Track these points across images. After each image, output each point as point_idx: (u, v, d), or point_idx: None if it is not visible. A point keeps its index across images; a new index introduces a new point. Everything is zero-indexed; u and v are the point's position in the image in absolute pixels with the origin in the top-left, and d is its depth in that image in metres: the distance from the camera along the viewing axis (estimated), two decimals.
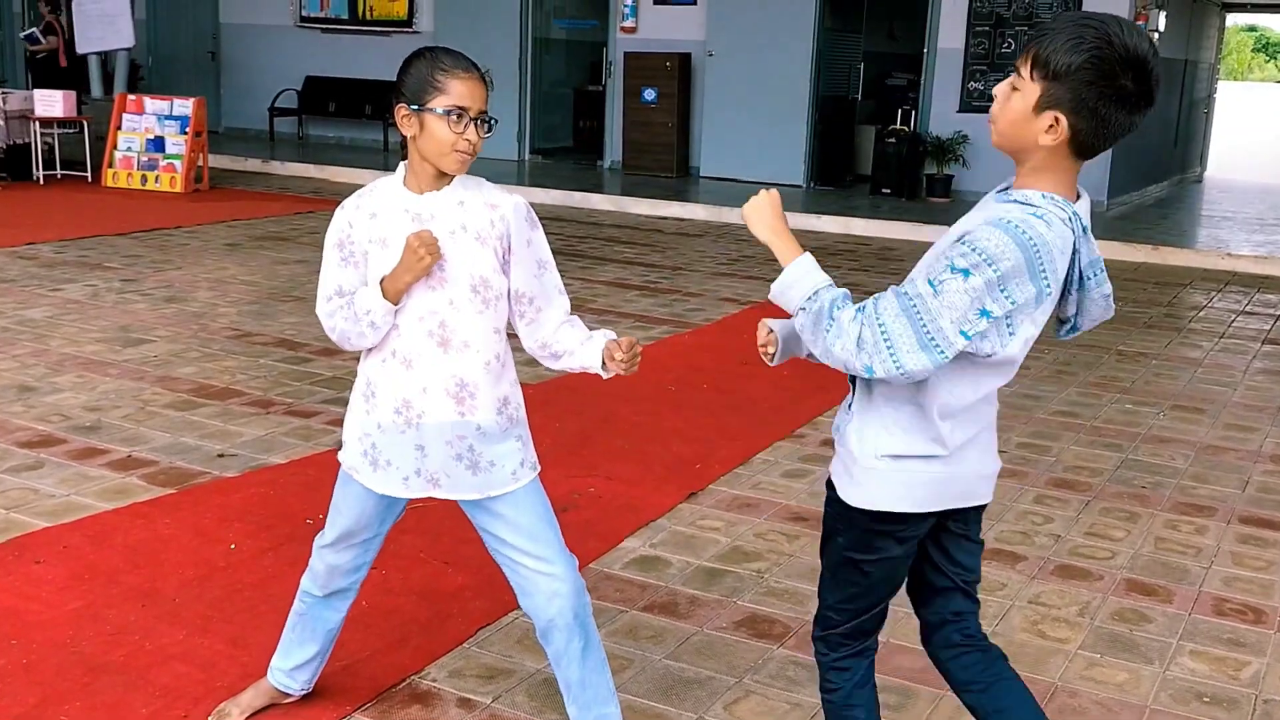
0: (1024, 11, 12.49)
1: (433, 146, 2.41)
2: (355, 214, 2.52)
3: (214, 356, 6.09)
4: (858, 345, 1.96)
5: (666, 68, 13.65)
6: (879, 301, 1.99)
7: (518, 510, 2.57)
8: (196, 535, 3.92)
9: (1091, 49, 1.87)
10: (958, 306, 1.92)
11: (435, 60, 2.43)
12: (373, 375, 2.55)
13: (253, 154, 14.57)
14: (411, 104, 2.41)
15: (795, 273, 2.08)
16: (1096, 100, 1.89)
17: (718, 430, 5.15)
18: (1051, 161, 1.99)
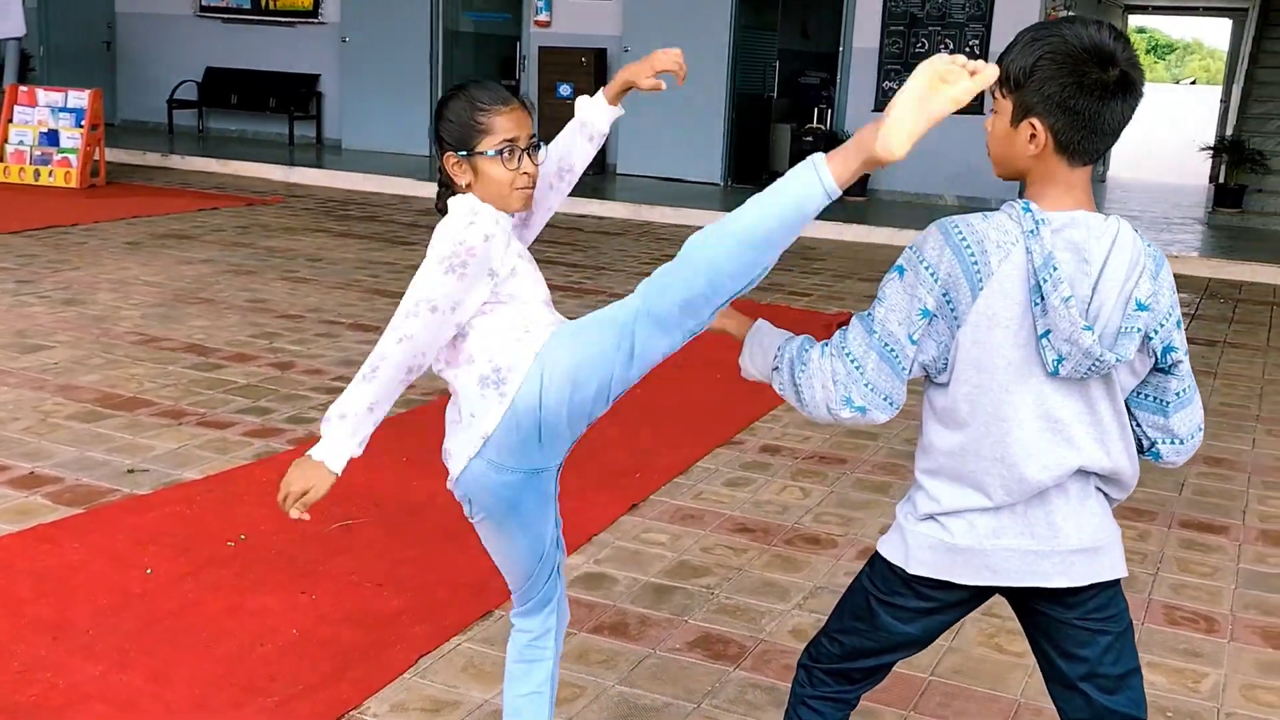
0: (938, 12, 12.56)
1: (493, 189, 2.25)
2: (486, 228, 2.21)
3: (119, 363, 5.78)
4: (834, 381, 1.94)
5: (582, 63, 13.47)
6: (844, 332, 1.97)
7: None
8: (109, 560, 3.66)
9: (1044, 47, 1.84)
10: (900, 308, 1.91)
11: (472, 100, 2.27)
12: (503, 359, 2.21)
13: (151, 148, 14.06)
14: (459, 150, 2.26)
15: (752, 344, 2.07)
16: (1063, 94, 1.83)
17: (655, 437, 5.01)
18: (1044, 173, 1.91)
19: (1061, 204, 1.89)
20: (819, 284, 8.70)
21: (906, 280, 1.90)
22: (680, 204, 11.72)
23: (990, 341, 1.88)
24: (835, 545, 4.05)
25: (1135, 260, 1.89)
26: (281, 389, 5.49)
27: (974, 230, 1.89)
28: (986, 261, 1.86)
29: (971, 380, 1.91)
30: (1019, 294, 1.86)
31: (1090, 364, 1.85)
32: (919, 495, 2.02)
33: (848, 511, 4.35)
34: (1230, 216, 12.52)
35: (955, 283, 1.87)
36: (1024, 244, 1.85)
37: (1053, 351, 1.85)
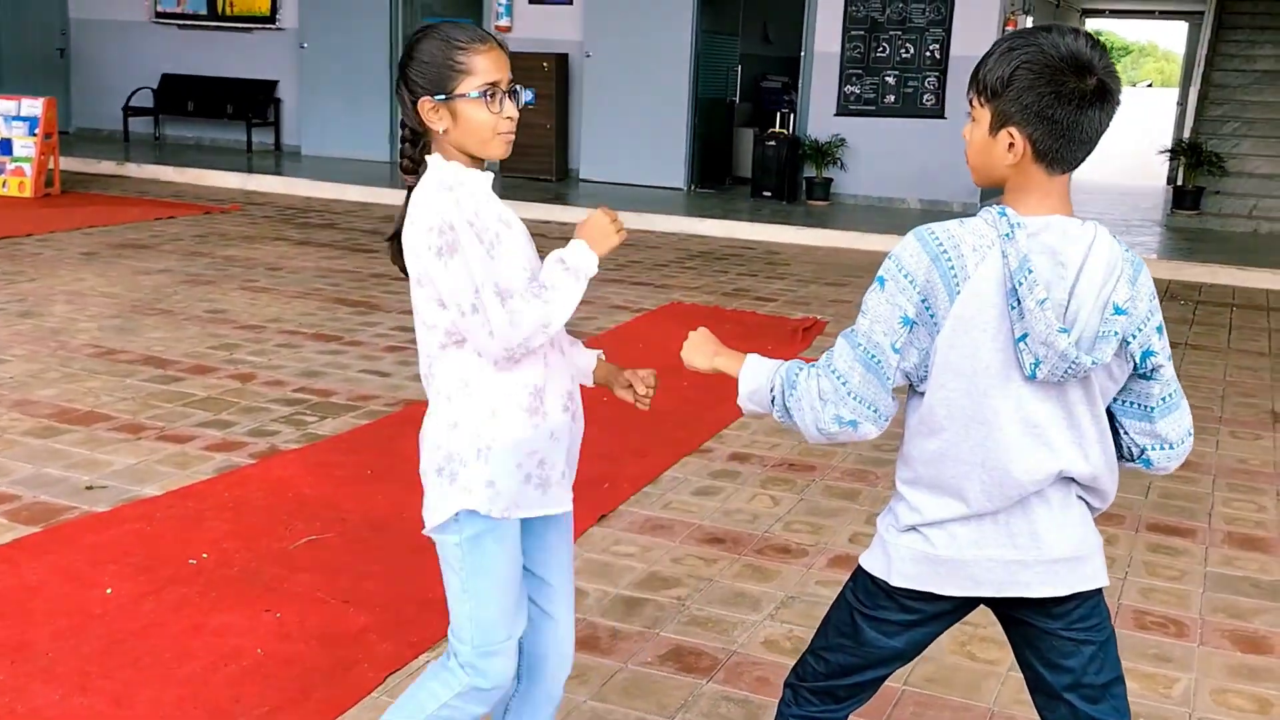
0: (898, 16, 12.61)
1: (474, 134, 2.15)
2: (471, 202, 2.13)
3: (75, 377, 5.68)
4: (821, 399, 1.94)
5: (544, 68, 13.41)
6: (830, 351, 1.97)
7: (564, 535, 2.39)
8: (68, 580, 3.58)
9: (1021, 56, 1.84)
10: (882, 318, 1.90)
11: (449, 39, 2.14)
12: (537, 379, 2.18)
13: (106, 156, 13.87)
14: (436, 94, 2.13)
15: (748, 378, 2.05)
16: (1040, 103, 1.83)
17: (623, 446, 4.97)
18: (1023, 180, 1.90)
19: (1038, 210, 1.89)
20: (784, 289, 8.70)
21: (887, 290, 1.90)
22: (644, 209, 11.69)
23: (967, 345, 1.87)
24: (806, 554, 4.03)
25: (1112, 264, 1.89)
26: (242, 401, 5.41)
27: (950, 235, 1.88)
28: (963, 265, 1.86)
29: (949, 384, 1.90)
30: (995, 297, 1.85)
31: (1067, 367, 1.84)
32: (900, 506, 2.01)
33: (818, 519, 4.33)
34: (1189, 218, 12.64)
35: (933, 288, 1.87)
36: (999, 248, 1.84)
37: (1030, 355, 1.84)
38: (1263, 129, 13.06)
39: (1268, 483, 4.93)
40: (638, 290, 8.36)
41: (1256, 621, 3.67)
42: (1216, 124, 13.28)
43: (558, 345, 2.29)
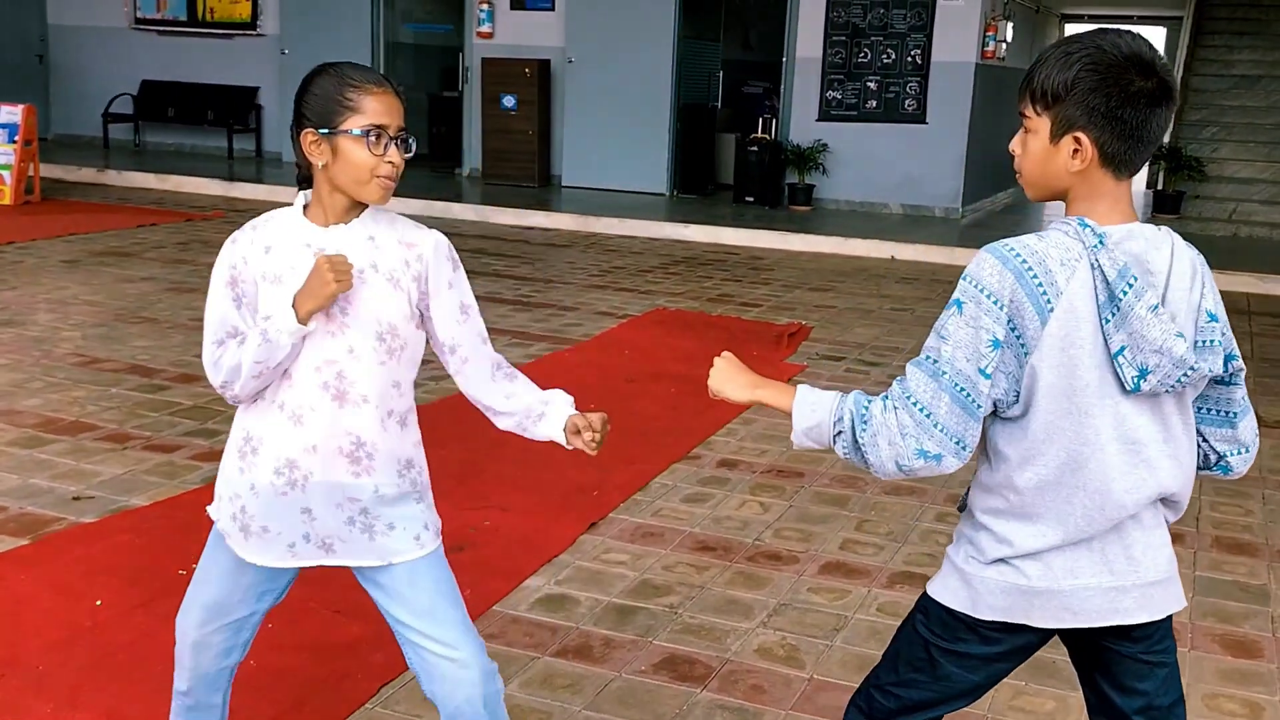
0: (879, 22, 12.66)
1: (350, 174, 2.13)
2: (249, 249, 2.20)
3: (60, 386, 5.64)
4: (901, 434, 1.83)
5: (526, 74, 13.41)
6: (903, 381, 1.86)
7: (415, 587, 2.26)
8: (57, 592, 3.56)
9: (1083, 58, 1.80)
10: (966, 343, 1.80)
11: (342, 76, 2.14)
12: (254, 428, 2.23)
13: (86, 163, 13.80)
14: (320, 128, 2.13)
15: (804, 413, 1.93)
16: (1108, 105, 1.78)
17: (611, 453, 4.91)
18: (1089, 188, 1.84)
19: (1111, 218, 1.83)
20: (768, 294, 8.72)
21: (968, 313, 1.80)
22: (627, 215, 11.71)
23: (1066, 365, 1.79)
24: (797, 561, 4.03)
25: (1194, 269, 1.86)
26: (229, 410, 5.34)
27: (1033, 252, 1.80)
28: (1053, 282, 1.78)
29: (1050, 409, 1.82)
30: (1089, 312, 1.78)
31: (1181, 374, 1.77)
32: (983, 537, 1.93)
33: (808, 526, 4.34)
34: (1170, 222, 12.69)
35: (1021, 309, 1.78)
36: (1087, 260, 1.77)
37: (1132, 367, 1.77)
38: (1241, 133, 13.17)
39: (1254, 487, 4.96)
40: (621, 296, 8.36)
41: (1246, 625, 3.69)
42: (1196, 128, 13.37)
43: (294, 411, 2.19)
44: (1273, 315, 8.64)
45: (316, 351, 2.18)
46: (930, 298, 8.82)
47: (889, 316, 8.08)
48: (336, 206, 2.19)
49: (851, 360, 6.82)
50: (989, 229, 12.37)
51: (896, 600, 3.75)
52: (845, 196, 12.97)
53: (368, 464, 2.22)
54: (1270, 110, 13.29)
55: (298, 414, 2.19)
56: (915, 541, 4.22)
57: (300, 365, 2.19)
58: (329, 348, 2.18)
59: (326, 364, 2.18)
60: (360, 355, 2.18)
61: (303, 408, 2.19)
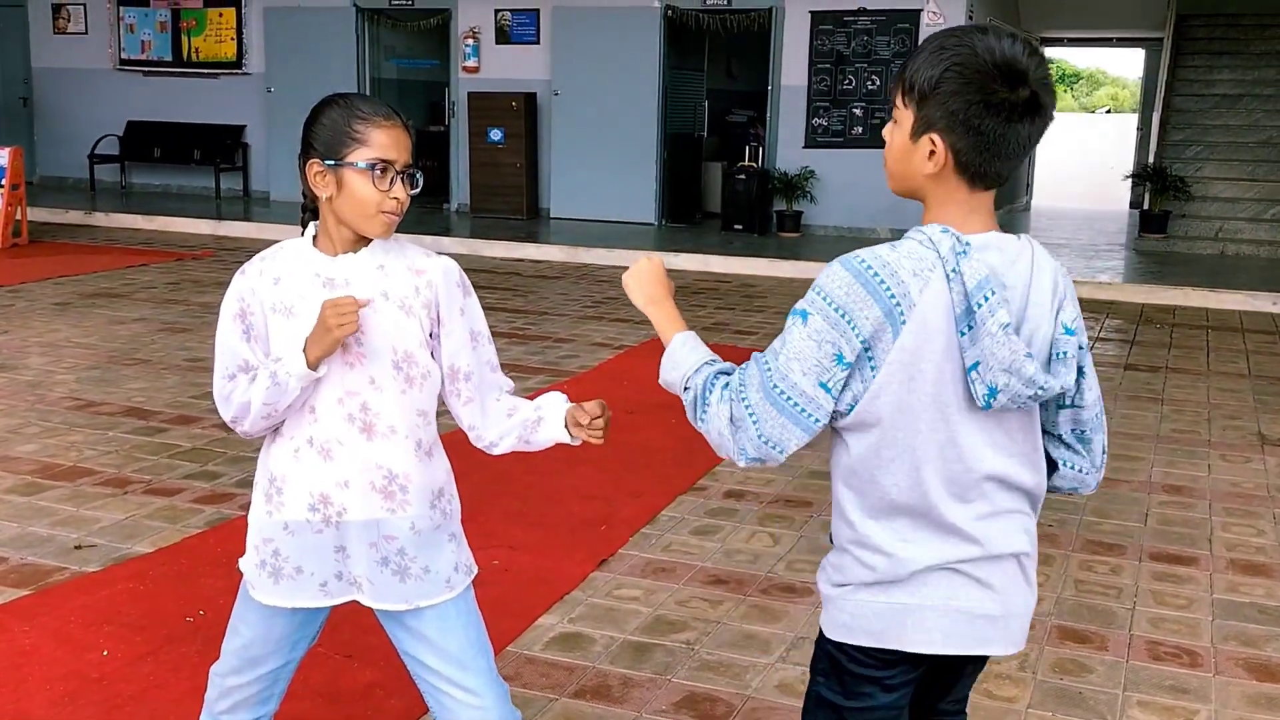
0: (863, 49, 12.72)
1: (354, 208, 2.10)
2: (257, 280, 2.18)
3: (56, 431, 5.58)
4: (731, 425, 1.76)
5: (512, 107, 13.43)
6: (744, 372, 1.79)
7: (445, 632, 2.23)
8: (61, 643, 3.49)
9: (951, 58, 1.69)
10: (806, 355, 1.71)
11: (351, 108, 2.11)
12: (279, 469, 2.21)
13: (73, 205, 13.75)
14: (326, 159, 2.10)
15: (667, 365, 1.90)
16: (966, 112, 1.68)
17: (617, 487, 4.92)
18: (944, 193, 1.76)
19: (967, 226, 1.74)
20: (762, 322, 8.70)
21: (812, 326, 1.71)
22: (616, 245, 11.70)
23: (916, 379, 1.71)
24: (811, 593, 3.99)
25: (1056, 282, 1.79)
26: (229, 451, 5.32)
27: (885, 263, 1.70)
28: (905, 294, 1.68)
29: (894, 424, 1.74)
30: (941, 324, 1.69)
31: (1031, 394, 1.71)
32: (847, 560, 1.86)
33: (819, 557, 4.29)
34: (1156, 242, 12.78)
35: (871, 323, 1.69)
36: (942, 270, 1.68)
37: (983, 384, 1.69)
38: (1224, 152, 13.25)
39: (1263, 506, 4.94)
40: (617, 327, 8.33)
41: (1269, 649, 3.66)
42: (1179, 148, 13.45)
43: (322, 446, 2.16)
44: (1265, 332, 8.65)
45: (338, 383, 2.16)
46: None
47: None
48: (344, 237, 2.17)
49: None
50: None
51: None
52: (833, 222, 12.99)
53: (402, 498, 2.19)
54: (1252, 129, 13.38)
55: (326, 448, 2.17)
56: None
57: (323, 398, 2.16)
58: (350, 379, 2.16)
59: (349, 396, 2.16)
60: (382, 385, 2.16)
61: (330, 441, 2.16)
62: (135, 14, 15.58)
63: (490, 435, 2.30)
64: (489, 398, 2.28)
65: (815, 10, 12.78)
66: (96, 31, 15.82)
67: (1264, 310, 9.54)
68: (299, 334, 2.12)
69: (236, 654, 2.32)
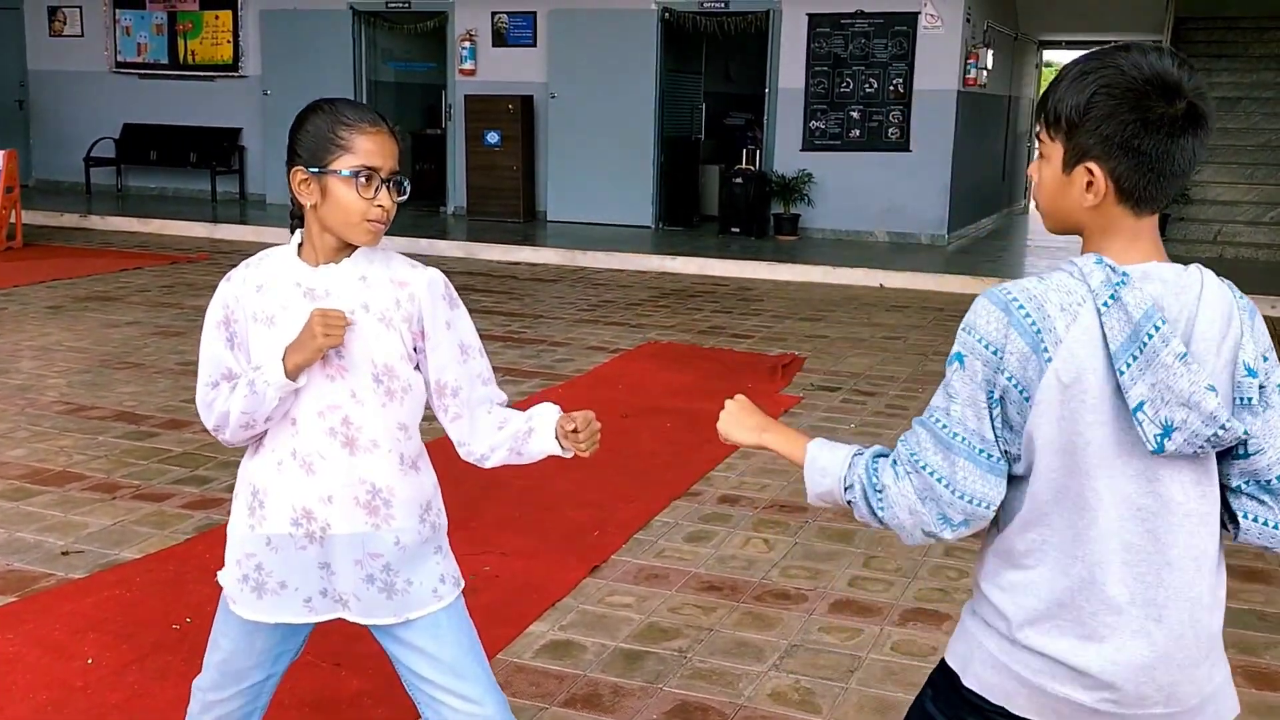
0: (861, 52, 12.69)
1: (339, 216, 2.06)
2: (241, 288, 2.16)
3: (46, 435, 5.54)
4: (920, 500, 1.66)
5: (509, 110, 13.40)
6: (907, 439, 1.70)
7: (439, 640, 2.18)
8: (46, 651, 3.45)
9: (1097, 80, 1.59)
10: (977, 400, 1.63)
11: (336, 114, 2.07)
12: (260, 481, 2.16)
13: (68, 208, 13.71)
14: (310, 166, 2.06)
15: (814, 478, 1.78)
16: (1124, 133, 1.58)
17: (610, 492, 4.88)
18: (1106, 222, 1.63)
19: (1127, 257, 1.62)
20: (759, 325, 8.66)
21: (970, 366, 1.63)
22: (613, 248, 11.67)
23: (1068, 419, 1.60)
24: (806, 599, 3.95)
25: (1229, 315, 1.62)
26: (219, 455, 5.28)
27: (1031, 296, 1.61)
28: (1051, 329, 1.58)
29: (1052, 466, 1.63)
30: (1094, 362, 1.57)
31: (1210, 434, 1.55)
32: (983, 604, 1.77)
33: (814, 563, 4.26)
34: None
35: (1023, 359, 1.60)
36: (1092, 304, 1.57)
37: (1154, 424, 1.55)
38: (1223, 155, 13.22)
39: None
40: (613, 330, 8.29)
41: (1268, 656, 3.62)
42: None
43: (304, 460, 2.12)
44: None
45: (319, 397, 2.11)
46: (921, 325, 8.78)
47: (881, 345, 8.03)
48: (327, 246, 2.13)
49: (847, 390, 6.75)
50: (975, 255, 12.38)
51: (911, 638, 3.67)
52: (831, 225, 12.96)
53: (386, 513, 2.15)
54: (1251, 132, 13.35)
55: (308, 462, 2.13)
56: (925, 577, 4.14)
57: (304, 411, 2.12)
58: (331, 392, 2.11)
59: (330, 409, 2.12)
60: (363, 399, 2.12)
61: (313, 455, 2.12)
62: (131, 16, 15.55)
63: (480, 449, 2.25)
64: (479, 412, 2.23)
65: (812, 13, 12.75)
66: (93, 34, 15.79)
67: (1264, 314, 9.50)
68: (279, 344, 2.09)
69: (218, 668, 2.28)
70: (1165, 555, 1.63)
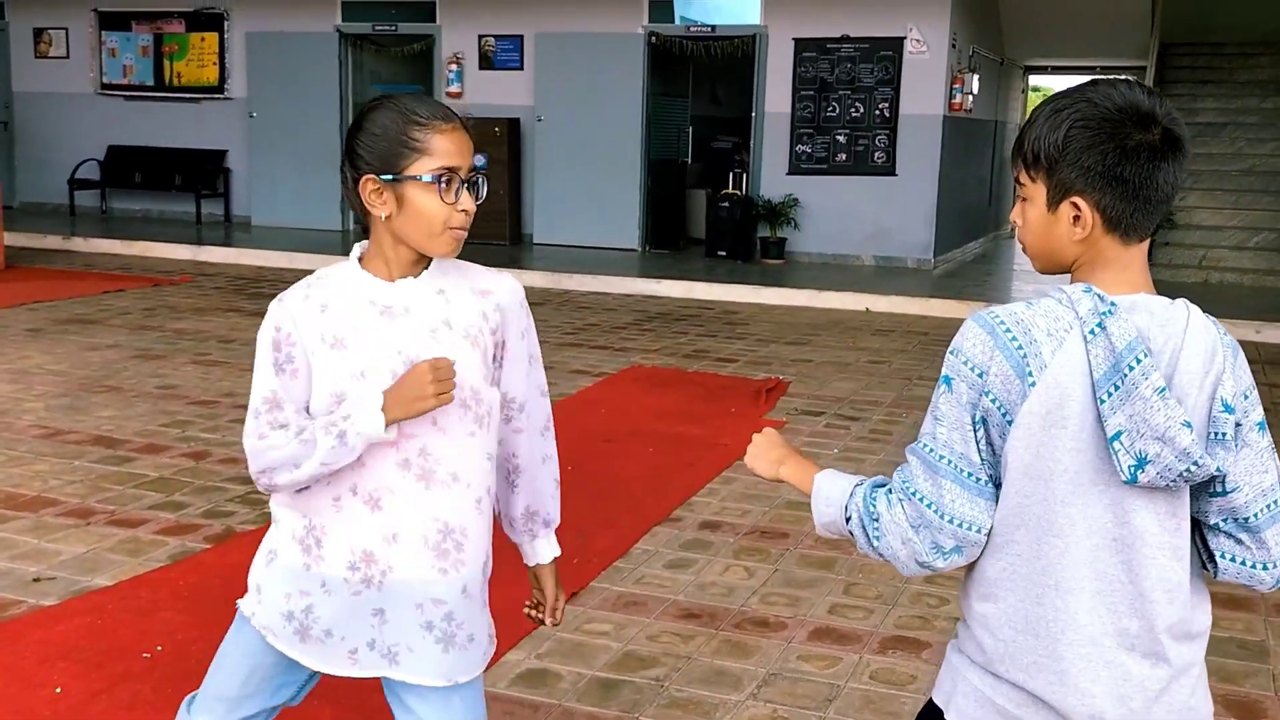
0: (847, 76, 12.73)
1: (420, 226, 1.88)
2: (302, 306, 1.95)
3: (21, 459, 5.48)
4: (913, 528, 1.66)
5: (496, 133, 13.40)
6: (902, 469, 1.70)
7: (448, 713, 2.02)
8: (14, 679, 3.39)
9: (1071, 115, 1.61)
10: (961, 422, 1.64)
11: (406, 111, 1.88)
12: (318, 516, 1.97)
13: (52, 230, 13.66)
14: (383, 174, 1.87)
15: (820, 508, 1.78)
16: (1105, 163, 1.59)
17: (590, 518, 4.84)
18: (1095, 254, 1.65)
19: (1117, 288, 1.63)
20: (744, 349, 8.65)
21: (957, 389, 1.64)
22: (599, 271, 11.65)
23: (1046, 445, 1.60)
24: (785, 627, 3.91)
25: (1212, 350, 1.62)
26: (196, 481, 5.23)
27: (1018, 320, 1.62)
28: (1037, 353, 1.59)
29: (1022, 491, 1.62)
30: (1077, 389, 1.58)
31: (1184, 469, 1.55)
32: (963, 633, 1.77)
33: (794, 590, 4.22)
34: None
35: (1007, 382, 1.61)
36: (1079, 331, 1.58)
37: (1129, 455, 1.55)
38: (1208, 181, 13.27)
39: None
40: (597, 354, 8.26)
41: (1248, 685, 3.59)
42: None
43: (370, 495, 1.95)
44: (1249, 360, 8.62)
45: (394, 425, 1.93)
46: (906, 349, 8.77)
47: (866, 369, 8.02)
48: (402, 260, 1.95)
49: (831, 415, 6.73)
50: (961, 279, 12.39)
51: (890, 666, 3.63)
52: (817, 249, 12.97)
53: (456, 557, 1.98)
54: (1236, 157, 13.41)
55: (375, 497, 1.94)
56: (905, 604, 4.11)
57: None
58: (408, 421, 1.92)
59: (406, 439, 1.93)
60: (446, 427, 1.95)
61: (380, 490, 1.94)
62: (117, 38, 15.54)
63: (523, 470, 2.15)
64: (536, 425, 2.12)
65: (799, 37, 12.80)
66: (78, 56, 15.77)
67: (1248, 339, 9.51)
68: (351, 368, 1.91)
69: (216, 691, 2.13)
70: (1139, 586, 1.62)
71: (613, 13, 13.27)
